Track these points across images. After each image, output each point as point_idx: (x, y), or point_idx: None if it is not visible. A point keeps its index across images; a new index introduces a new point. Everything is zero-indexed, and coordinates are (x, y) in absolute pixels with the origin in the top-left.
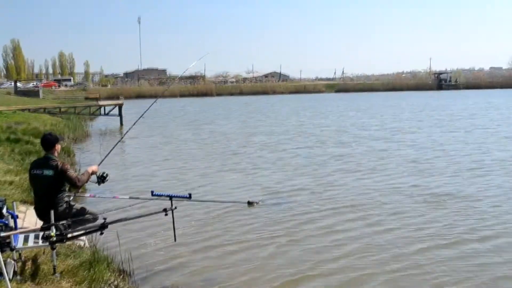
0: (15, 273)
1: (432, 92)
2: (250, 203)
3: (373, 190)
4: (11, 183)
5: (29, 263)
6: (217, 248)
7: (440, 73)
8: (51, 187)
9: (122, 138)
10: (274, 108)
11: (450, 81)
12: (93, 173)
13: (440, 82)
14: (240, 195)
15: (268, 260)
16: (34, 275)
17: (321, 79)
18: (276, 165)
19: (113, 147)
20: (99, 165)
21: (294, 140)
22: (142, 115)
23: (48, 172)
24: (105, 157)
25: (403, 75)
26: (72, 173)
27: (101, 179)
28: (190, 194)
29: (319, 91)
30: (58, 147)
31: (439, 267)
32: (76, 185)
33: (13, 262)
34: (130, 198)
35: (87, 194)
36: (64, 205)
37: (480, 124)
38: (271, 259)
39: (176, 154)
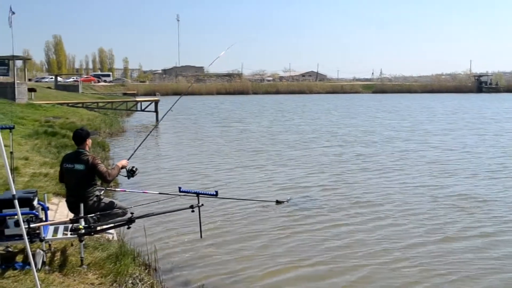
0: (44, 263)
1: (471, 95)
2: (278, 202)
3: (397, 190)
4: (46, 175)
5: (58, 254)
6: (243, 246)
7: (480, 76)
8: (81, 181)
9: (150, 132)
10: (307, 107)
11: (490, 83)
12: (123, 167)
13: (480, 85)
14: (266, 193)
15: (294, 260)
16: (62, 266)
17: (359, 80)
18: (303, 163)
19: (142, 142)
20: (128, 159)
21: (322, 139)
22: (170, 109)
23: (79, 167)
24: (134, 151)
25: (443, 77)
26: (102, 167)
27: (131, 173)
28: (216, 192)
29: (356, 92)
30: (89, 142)
31: (453, 266)
32: (106, 180)
33: (42, 252)
34: (159, 193)
35: (118, 189)
36: (94, 199)
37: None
38: (298, 259)
39: (204, 151)
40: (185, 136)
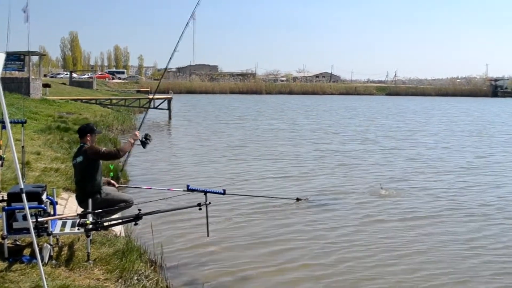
0: (50, 257)
1: (485, 99)
2: (298, 199)
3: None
4: (56, 170)
5: (65, 249)
6: (250, 245)
7: (496, 80)
8: (83, 173)
9: (149, 105)
10: (313, 107)
11: (506, 88)
12: (135, 139)
13: (496, 89)
14: (274, 190)
15: (301, 260)
16: (68, 261)
17: (373, 81)
18: (312, 161)
19: (145, 116)
20: (139, 129)
21: (326, 138)
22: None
23: (79, 159)
24: (141, 123)
25: (458, 80)
26: (105, 149)
27: (145, 140)
28: (224, 190)
29: (370, 94)
30: (91, 137)
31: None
32: (118, 156)
33: (49, 246)
34: (168, 190)
35: (125, 185)
36: (98, 192)
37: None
38: (305, 258)
39: (211, 148)
40: (193, 133)
